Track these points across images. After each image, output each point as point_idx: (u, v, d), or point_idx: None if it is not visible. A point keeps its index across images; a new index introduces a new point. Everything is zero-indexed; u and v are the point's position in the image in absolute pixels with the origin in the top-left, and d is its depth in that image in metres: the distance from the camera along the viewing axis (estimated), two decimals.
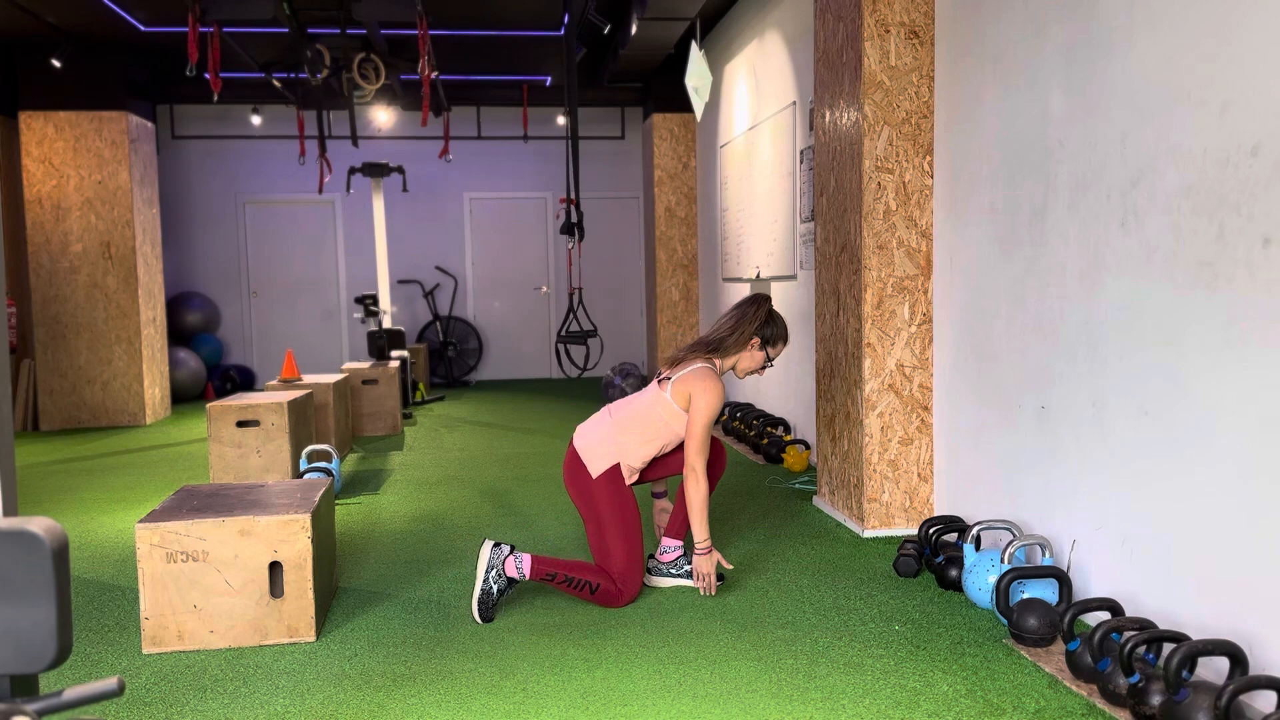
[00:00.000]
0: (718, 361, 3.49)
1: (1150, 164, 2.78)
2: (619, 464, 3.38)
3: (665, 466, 3.58)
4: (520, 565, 3.26)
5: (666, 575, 3.58)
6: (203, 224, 10.82)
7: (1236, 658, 2.26)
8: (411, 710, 2.58)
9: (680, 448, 3.53)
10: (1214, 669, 2.58)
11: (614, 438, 3.40)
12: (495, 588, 3.23)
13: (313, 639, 3.10)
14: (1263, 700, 2.39)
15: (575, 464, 3.41)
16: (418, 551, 4.14)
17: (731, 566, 3.59)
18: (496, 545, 3.29)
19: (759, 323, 3.49)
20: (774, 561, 3.88)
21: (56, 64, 7.80)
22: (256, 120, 10.41)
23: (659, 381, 3.47)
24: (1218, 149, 2.52)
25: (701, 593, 3.46)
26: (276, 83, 8.09)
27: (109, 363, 8.33)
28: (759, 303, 3.52)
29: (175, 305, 10.31)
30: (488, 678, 2.78)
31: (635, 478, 3.47)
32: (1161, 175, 2.73)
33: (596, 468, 3.37)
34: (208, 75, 6.45)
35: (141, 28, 7.82)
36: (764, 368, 3.57)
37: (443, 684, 2.74)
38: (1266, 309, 2.37)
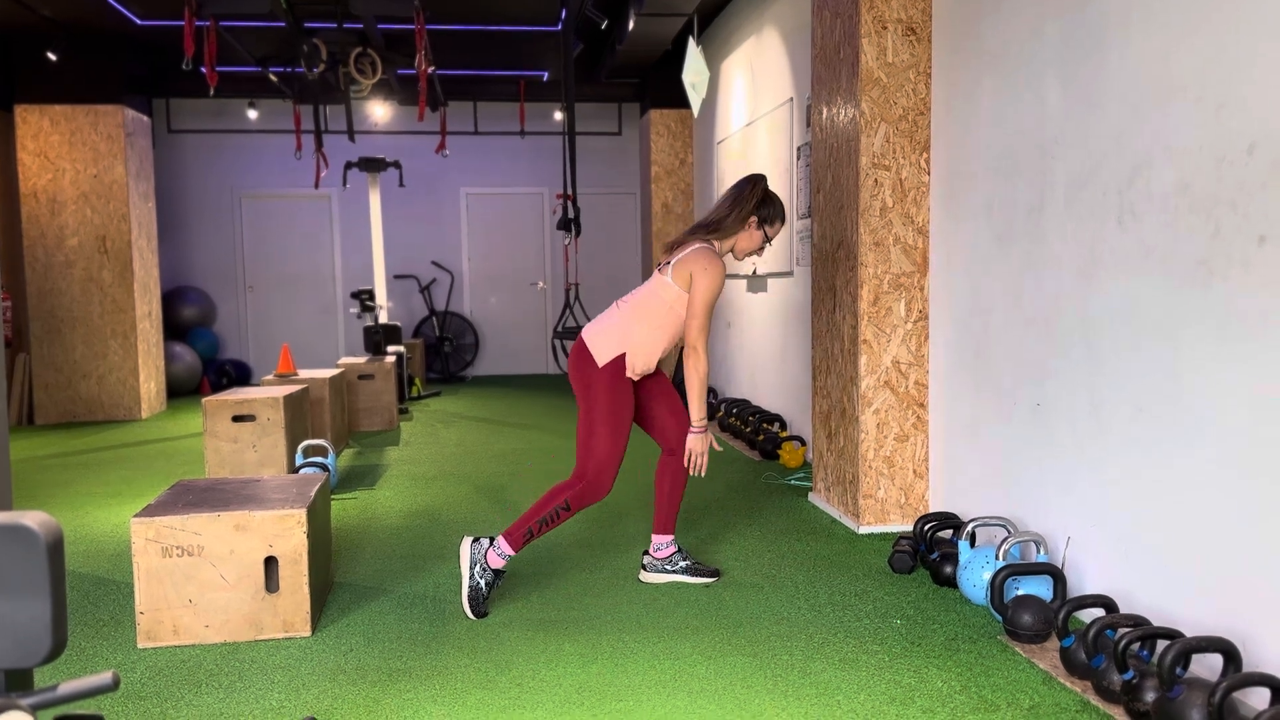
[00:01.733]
0: (716, 243, 3.46)
1: (1146, 161, 2.78)
2: (624, 354, 3.35)
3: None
4: (501, 550, 3.26)
5: (662, 571, 3.58)
6: (199, 218, 10.80)
7: (1230, 655, 2.27)
8: (407, 705, 2.58)
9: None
10: (1208, 666, 2.58)
11: (622, 326, 3.36)
12: (482, 582, 3.24)
13: (308, 634, 3.10)
14: (1256, 697, 2.40)
15: (582, 353, 3.38)
16: (413, 547, 4.14)
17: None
18: (476, 540, 3.29)
19: (756, 200, 3.46)
20: (769, 558, 3.88)
21: (52, 57, 7.78)
22: (253, 114, 10.39)
23: (659, 268, 3.45)
24: (1214, 147, 2.52)
25: (691, 472, 3.45)
26: (273, 77, 8.07)
27: (104, 357, 8.31)
28: (755, 181, 3.48)
29: (171, 300, 10.30)
30: (483, 673, 2.78)
31: (639, 373, 3.42)
32: (1158, 173, 2.74)
33: (602, 356, 3.33)
34: (204, 69, 6.43)
35: (138, 21, 7.80)
36: (762, 248, 3.54)
37: (438, 679, 2.74)
38: (1262, 306, 2.38)
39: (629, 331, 3.36)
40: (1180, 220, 2.65)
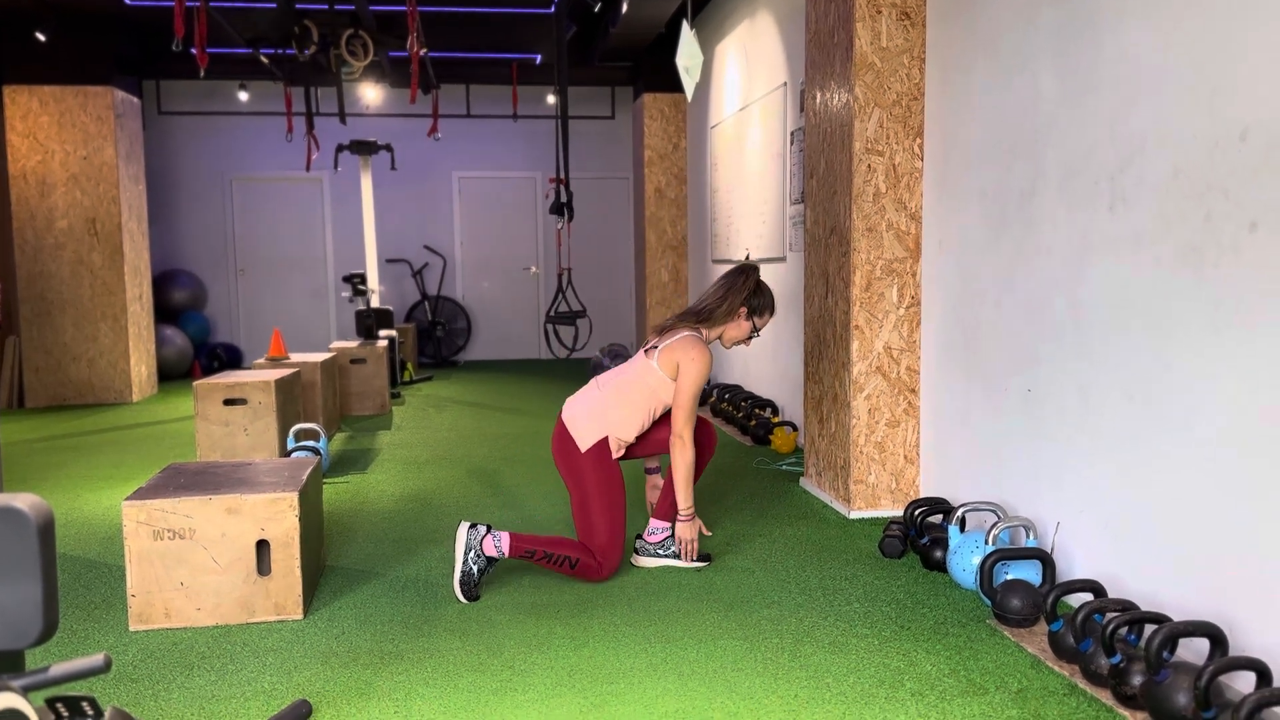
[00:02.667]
0: (704, 331, 3.50)
1: (1139, 148, 2.79)
2: (607, 437, 3.39)
3: (656, 443, 3.59)
4: (499, 544, 3.27)
5: (654, 555, 3.59)
6: (189, 201, 10.75)
7: (1217, 639, 2.29)
8: (399, 688, 2.59)
9: (669, 421, 3.54)
10: (1194, 650, 2.60)
11: (603, 410, 3.41)
12: (475, 568, 3.25)
13: (300, 617, 3.10)
14: (1242, 680, 2.42)
15: (564, 437, 3.42)
16: (405, 530, 4.14)
17: (710, 534, 3.70)
18: (473, 526, 3.30)
19: (747, 293, 3.51)
20: (761, 542, 3.90)
21: (42, 38, 7.72)
22: (244, 96, 10.33)
23: (646, 351, 3.47)
24: (1206, 133, 2.53)
25: (683, 560, 3.49)
26: (264, 59, 8.02)
27: (95, 340, 8.28)
28: (747, 273, 3.53)
29: (162, 283, 10.25)
30: (475, 656, 2.79)
31: (623, 452, 3.48)
32: (1150, 159, 2.74)
33: (585, 441, 3.38)
34: (194, 50, 6.39)
35: (127, 1, 7.74)
36: (750, 338, 3.59)
37: (430, 662, 2.75)
38: (1253, 293, 2.39)
39: (611, 416, 3.40)
40: (1172, 207, 2.66)
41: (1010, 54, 3.46)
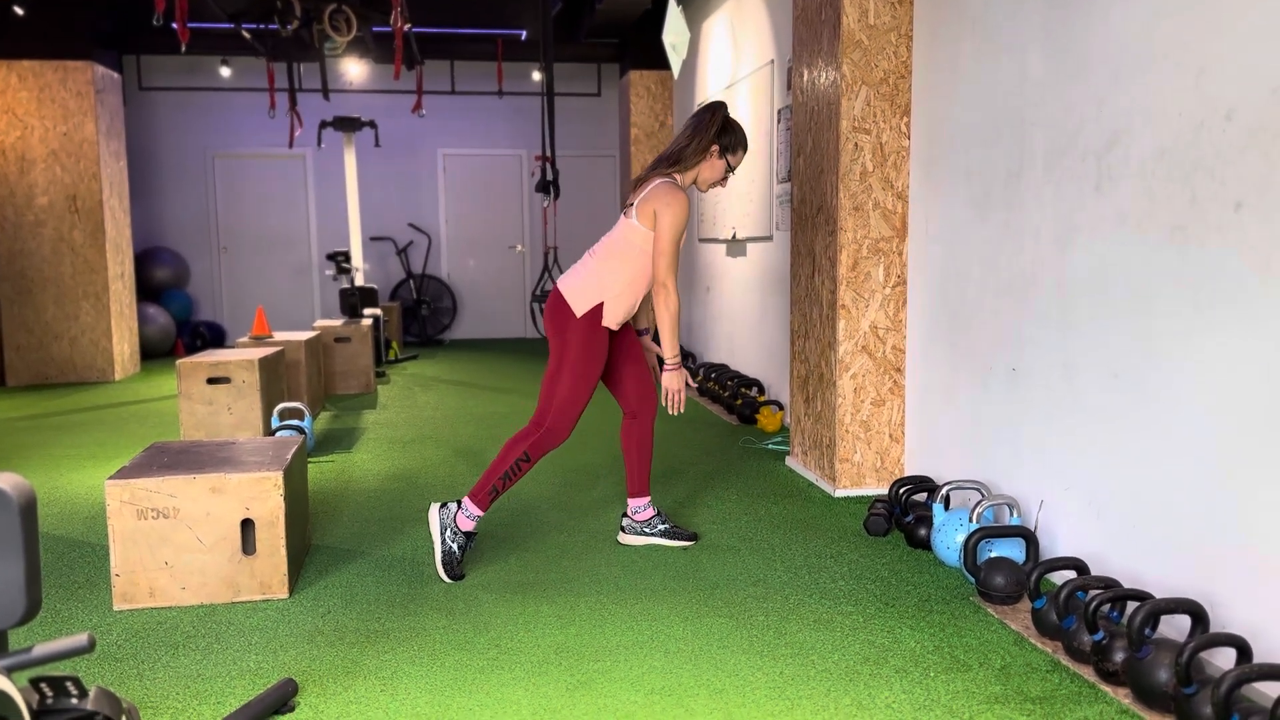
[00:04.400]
0: (678, 176, 3.41)
1: (1126, 127, 2.79)
2: (602, 303, 3.32)
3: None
4: (469, 511, 3.26)
5: (640, 534, 3.60)
6: (171, 178, 10.65)
7: (1198, 616, 2.31)
8: (385, 666, 2.59)
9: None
10: (1176, 627, 2.63)
11: (597, 275, 3.33)
12: (454, 546, 3.24)
13: (285, 596, 3.10)
14: (1223, 657, 2.44)
15: (558, 304, 3.34)
16: (391, 509, 4.13)
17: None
18: (443, 506, 3.29)
19: (716, 128, 3.39)
20: (746, 521, 3.91)
21: (19, 11, 7.60)
22: (226, 72, 10.22)
23: (624, 210, 3.40)
24: (1193, 113, 2.53)
25: (669, 410, 3.44)
26: (246, 34, 7.93)
27: (76, 318, 8.22)
28: (715, 109, 3.42)
29: (144, 260, 10.17)
30: (461, 634, 2.79)
31: (618, 323, 3.40)
32: (1136, 139, 2.74)
33: (580, 306, 3.30)
34: (175, 25, 6.31)
35: None
36: (725, 177, 3.49)
37: (416, 640, 2.75)
38: (1237, 273, 2.39)
39: (604, 280, 3.32)
40: (1158, 187, 2.66)
41: (998, 32, 3.45)
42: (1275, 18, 2.26)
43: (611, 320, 3.34)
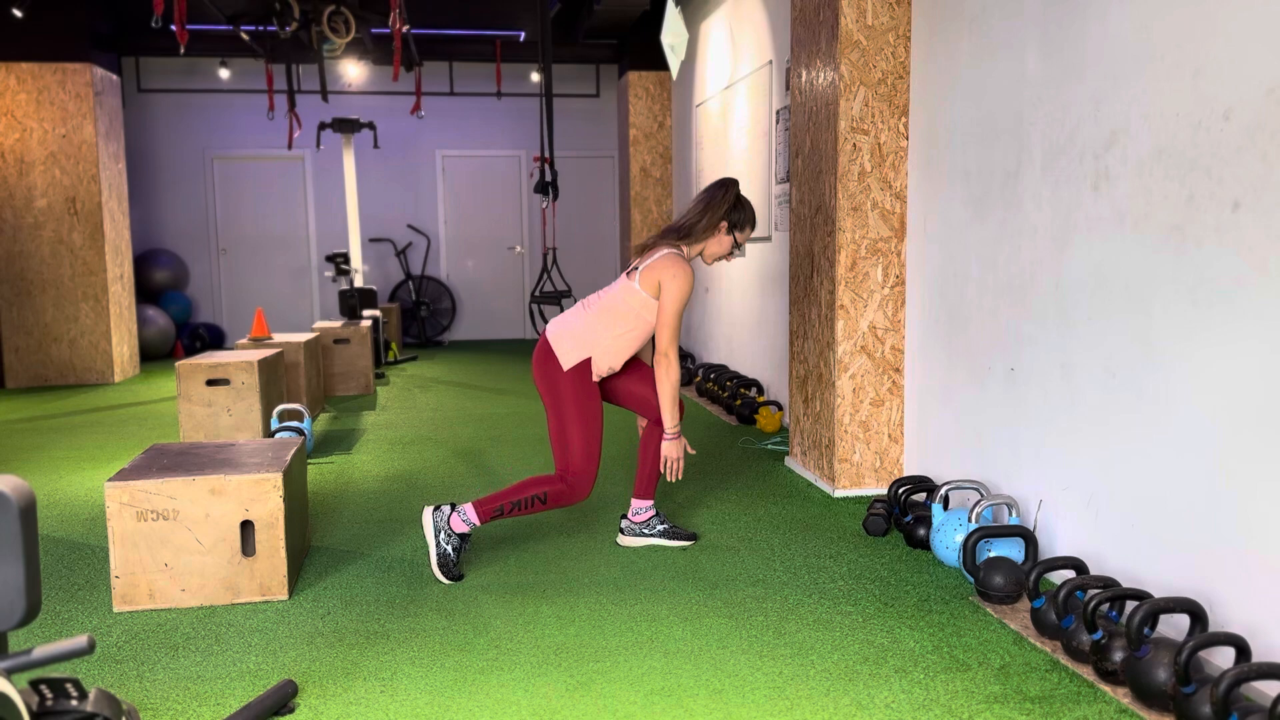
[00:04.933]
0: (685, 248, 3.45)
1: (1123, 127, 2.79)
2: (590, 358, 3.34)
3: (629, 396, 3.55)
4: (466, 516, 3.27)
5: (639, 535, 3.60)
6: (170, 180, 10.65)
7: (1197, 615, 2.31)
8: (385, 667, 2.59)
9: (644, 372, 3.53)
10: (1175, 626, 2.63)
11: (588, 330, 3.35)
12: (449, 547, 3.24)
13: (285, 597, 3.10)
14: (1222, 656, 2.45)
15: (546, 354, 3.36)
16: (391, 511, 4.14)
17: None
18: (436, 509, 3.29)
19: (727, 207, 3.43)
20: (746, 521, 3.91)
21: (18, 14, 7.60)
22: (224, 74, 10.22)
23: (628, 273, 3.42)
24: (1190, 113, 2.53)
25: (668, 478, 3.46)
26: (245, 35, 7.93)
27: (76, 320, 8.22)
28: (727, 187, 3.46)
29: (143, 262, 10.17)
30: (461, 635, 2.79)
31: (603, 378, 3.42)
32: (1134, 139, 2.74)
33: (568, 361, 3.32)
34: (174, 27, 6.32)
35: None
36: (732, 253, 3.53)
37: (416, 641, 2.76)
38: (1234, 273, 2.40)
39: (595, 336, 3.35)
40: (1155, 186, 2.67)
41: (996, 32, 3.46)
42: (1272, 17, 2.27)
43: (599, 374, 3.37)
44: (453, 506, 3.29)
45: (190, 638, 2.80)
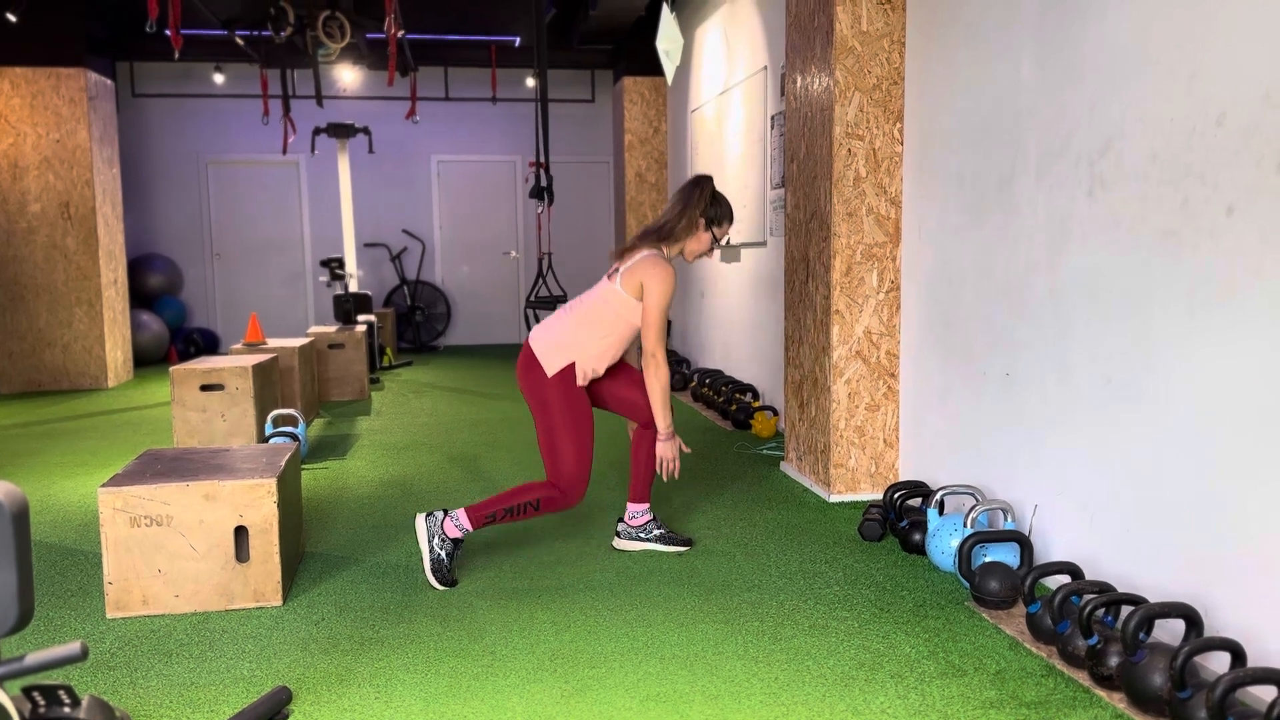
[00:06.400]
0: (665, 248, 3.45)
1: (1118, 132, 2.80)
2: (574, 363, 3.33)
3: (617, 400, 3.54)
4: (459, 522, 3.26)
5: (636, 539, 3.60)
6: (164, 184, 10.64)
7: (1192, 620, 2.31)
8: (379, 673, 2.58)
9: (630, 375, 3.52)
10: (1170, 631, 2.63)
11: (571, 335, 3.34)
12: (443, 553, 3.23)
13: (279, 603, 3.09)
14: (1217, 661, 2.45)
15: (530, 362, 3.35)
16: (385, 517, 4.13)
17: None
18: (429, 515, 3.28)
19: (704, 204, 3.45)
20: (741, 526, 3.91)
21: (12, 18, 7.59)
22: (219, 79, 10.22)
23: (609, 275, 3.42)
24: (1185, 118, 2.54)
25: (663, 478, 3.46)
26: (239, 40, 7.93)
27: (69, 325, 8.20)
28: (701, 185, 3.47)
29: (137, 267, 10.15)
30: (456, 641, 2.79)
31: (588, 381, 3.41)
32: (1129, 144, 2.75)
33: (551, 367, 3.31)
34: (168, 32, 6.31)
35: None
36: (712, 249, 3.54)
37: (410, 647, 2.75)
38: (1229, 277, 2.40)
39: (578, 341, 3.34)
40: (1150, 191, 2.67)
41: (991, 38, 3.47)
42: (1266, 22, 2.27)
43: (583, 379, 3.36)
44: (445, 512, 3.29)
45: (184, 644, 2.79)
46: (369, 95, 10.78)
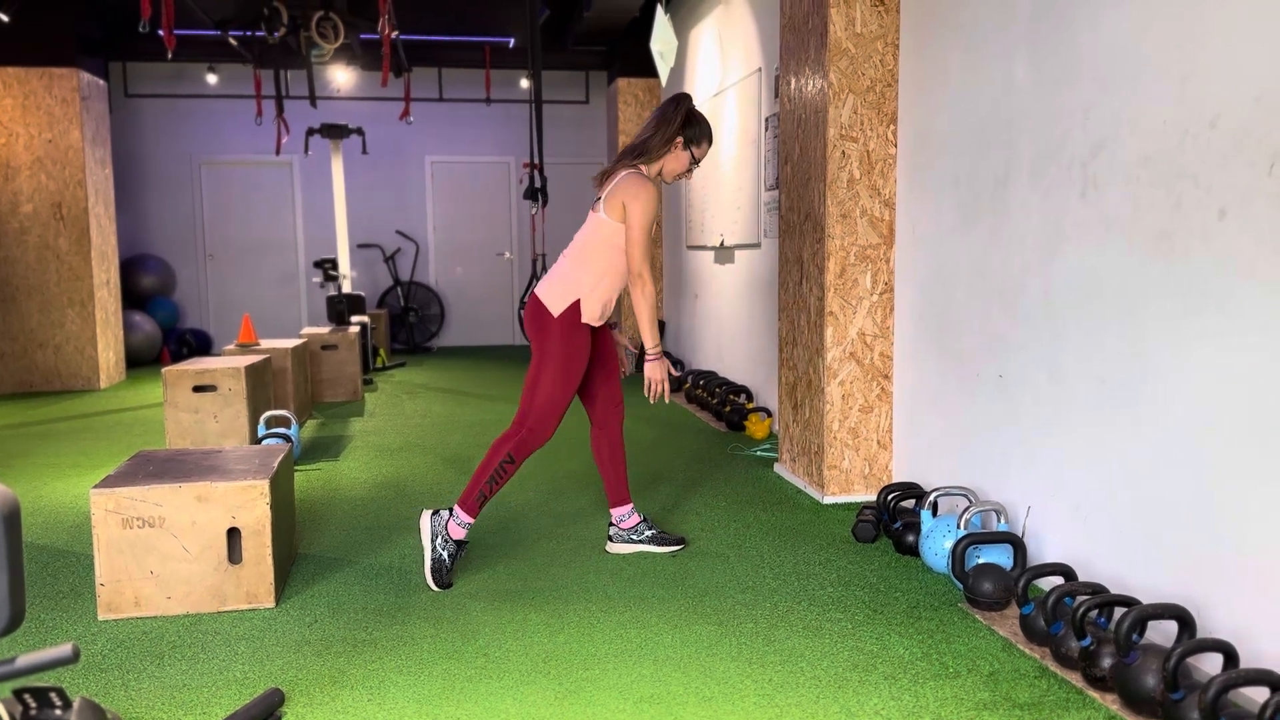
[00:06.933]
0: (644, 168, 3.43)
1: (1111, 135, 2.80)
2: (578, 300, 3.32)
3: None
4: (461, 520, 3.25)
5: (629, 541, 3.59)
6: (157, 185, 10.61)
7: (1185, 621, 2.32)
8: (372, 675, 2.57)
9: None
10: (1163, 632, 2.64)
11: (570, 274, 3.33)
12: (445, 554, 3.23)
13: (272, 605, 3.08)
14: (1210, 662, 2.45)
15: (537, 308, 3.34)
16: (378, 518, 4.12)
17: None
18: (435, 513, 3.27)
19: (680, 121, 3.41)
20: (735, 528, 3.91)
21: (4, 18, 7.57)
22: (212, 79, 10.20)
23: (594, 206, 3.40)
24: (1178, 120, 2.54)
25: (651, 400, 3.45)
26: (233, 41, 7.92)
27: (61, 326, 8.17)
28: (679, 102, 3.44)
29: (129, 268, 10.12)
30: (449, 643, 2.78)
31: (595, 321, 3.39)
32: (1122, 146, 2.76)
33: (556, 306, 3.30)
34: (161, 32, 6.29)
35: None
36: (690, 169, 3.51)
37: (404, 649, 2.74)
38: (1221, 279, 2.41)
39: (579, 277, 3.32)
40: (1143, 194, 2.68)
41: (985, 41, 3.47)
42: (1258, 26, 2.28)
43: (590, 316, 3.34)
44: (450, 511, 3.28)
45: (176, 646, 2.78)
46: (363, 96, 10.77)
